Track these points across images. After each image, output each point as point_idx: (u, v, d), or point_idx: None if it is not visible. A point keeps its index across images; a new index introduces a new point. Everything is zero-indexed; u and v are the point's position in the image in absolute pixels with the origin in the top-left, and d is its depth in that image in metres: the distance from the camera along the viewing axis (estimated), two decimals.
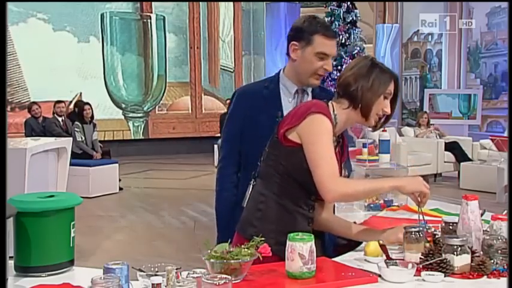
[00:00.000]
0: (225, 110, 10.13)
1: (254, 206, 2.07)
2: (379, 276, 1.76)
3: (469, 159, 9.37)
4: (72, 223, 1.87)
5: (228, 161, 2.41)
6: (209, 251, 1.71)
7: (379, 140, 3.16)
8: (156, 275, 1.54)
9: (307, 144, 1.94)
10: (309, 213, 2.06)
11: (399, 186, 1.98)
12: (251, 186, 2.14)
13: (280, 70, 2.41)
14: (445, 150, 9.64)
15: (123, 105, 13.56)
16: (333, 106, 2.04)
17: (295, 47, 2.29)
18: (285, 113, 2.26)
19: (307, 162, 1.92)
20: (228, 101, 8.01)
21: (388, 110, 2.04)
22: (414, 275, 1.75)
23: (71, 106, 11.81)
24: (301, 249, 1.70)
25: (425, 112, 10.96)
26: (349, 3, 14.12)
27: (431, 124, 10.30)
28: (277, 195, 2.01)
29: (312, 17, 2.34)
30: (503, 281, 1.75)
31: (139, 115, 13.71)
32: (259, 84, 2.47)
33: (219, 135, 9.73)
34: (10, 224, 1.76)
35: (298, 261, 1.70)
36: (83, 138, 8.90)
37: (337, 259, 1.99)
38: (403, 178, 2.14)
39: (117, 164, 8.87)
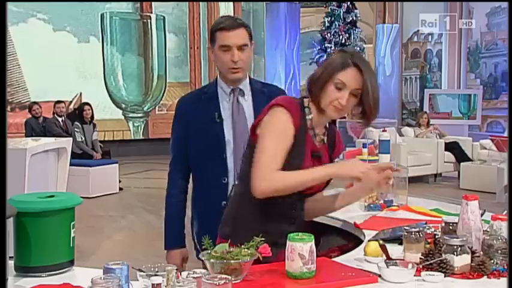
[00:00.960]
0: None
1: (231, 206, 2.07)
2: (379, 276, 1.76)
3: (469, 159, 9.37)
4: (72, 223, 1.87)
5: (175, 166, 2.49)
6: (209, 251, 1.71)
7: (379, 140, 3.16)
8: (156, 275, 1.54)
9: (259, 137, 1.90)
10: (292, 212, 2.01)
11: (331, 174, 1.88)
12: (232, 187, 2.15)
13: (218, 75, 2.47)
14: (445, 150, 9.64)
15: (123, 105, 13.56)
16: (307, 101, 1.98)
17: (211, 50, 2.38)
18: (222, 113, 2.35)
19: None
20: None
21: (342, 102, 1.87)
22: (414, 275, 1.75)
23: (71, 106, 11.83)
24: (301, 250, 1.70)
25: (426, 112, 10.96)
26: (349, 3, 14.13)
27: (431, 124, 10.30)
28: (253, 195, 1.91)
29: (220, 17, 2.44)
30: (503, 281, 1.75)
31: (139, 115, 13.71)
32: (200, 90, 2.62)
33: None
34: (10, 224, 1.76)
35: (298, 261, 1.70)
36: (83, 138, 8.90)
37: (337, 259, 1.99)
38: (336, 164, 1.96)
39: (117, 164, 8.87)
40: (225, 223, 2.04)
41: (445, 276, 1.76)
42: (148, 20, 13.80)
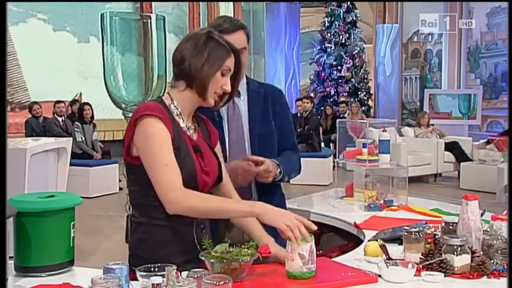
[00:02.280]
0: None
1: (137, 238, 1.87)
2: (379, 276, 1.76)
3: (469, 159, 9.37)
4: (72, 223, 1.87)
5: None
6: (209, 251, 1.71)
7: (379, 140, 3.16)
8: (156, 275, 1.54)
9: (141, 155, 1.77)
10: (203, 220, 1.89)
11: (255, 213, 1.77)
12: (129, 220, 1.95)
13: None
14: (445, 150, 9.65)
15: (123, 105, 13.51)
16: (169, 96, 1.90)
17: None
18: (220, 113, 2.28)
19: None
20: None
21: (228, 88, 1.87)
22: (414, 275, 1.75)
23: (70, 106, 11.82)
24: (301, 249, 1.70)
25: (426, 112, 10.96)
26: (349, 3, 14.14)
27: (431, 124, 10.30)
28: (156, 218, 1.81)
29: (218, 17, 2.36)
30: (503, 281, 1.75)
31: None
32: None
33: None
34: (10, 224, 1.76)
35: (298, 261, 1.70)
36: (83, 138, 8.89)
37: (337, 259, 1.99)
38: (265, 206, 1.78)
39: (117, 164, 8.87)
40: (138, 257, 1.80)
41: (445, 276, 1.76)
42: (148, 20, 13.74)
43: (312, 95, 13.41)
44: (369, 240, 2.18)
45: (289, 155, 2.37)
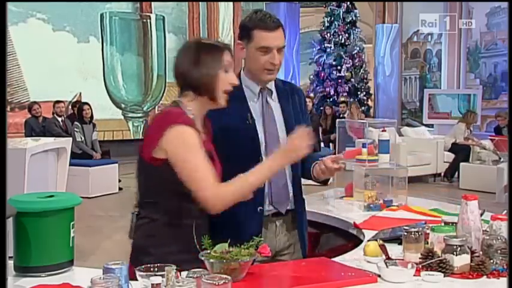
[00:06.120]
0: None
1: (145, 233, 1.93)
2: (379, 276, 1.76)
3: (469, 160, 9.37)
4: (72, 223, 1.87)
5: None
6: (209, 251, 1.71)
7: (378, 140, 3.16)
8: (155, 275, 1.54)
9: (177, 162, 1.83)
10: (200, 220, 1.91)
11: (281, 165, 1.96)
12: (134, 216, 2.01)
13: (240, 71, 2.33)
14: (445, 150, 9.65)
15: (123, 105, 13.55)
16: (183, 104, 1.94)
17: (241, 46, 2.23)
18: (253, 114, 2.22)
19: (183, 180, 1.83)
20: None
21: (235, 81, 1.95)
22: (414, 275, 1.75)
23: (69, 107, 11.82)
24: None
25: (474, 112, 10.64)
26: (348, 3, 14.14)
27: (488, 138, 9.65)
28: (167, 216, 1.89)
29: (254, 11, 2.24)
30: (503, 281, 1.76)
31: (139, 115, 13.69)
32: None
33: None
34: (10, 224, 1.76)
35: None
36: (83, 138, 8.89)
37: (337, 259, 1.99)
38: (276, 155, 1.94)
39: (116, 164, 8.87)
40: (144, 253, 1.88)
41: (444, 276, 1.76)
42: (148, 20, 13.79)
43: (311, 95, 13.41)
44: (368, 240, 2.18)
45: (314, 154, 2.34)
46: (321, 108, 12.92)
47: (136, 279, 1.61)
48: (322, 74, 14.17)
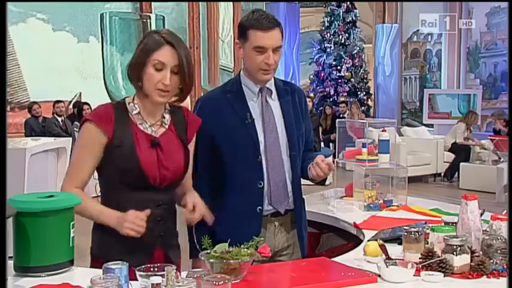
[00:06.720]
0: None
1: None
2: (379, 276, 1.76)
3: (469, 160, 9.37)
4: (71, 223, 1.87)
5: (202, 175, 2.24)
6: (209, 251, 1.71)
7: (378, 140, 3.16)
8: (155, 275, 1.54)
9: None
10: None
11: (107, 223, 2.02)
12: None
13: (240, 71, 2.33)
14: (445, 150, 9.65)
15: None
16: (128, 99, 2.00)
17: (238, 45, 2.23)
18: (253, 114, 2.22)
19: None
20: None
21: (166, 82, 1.87)
22: (414, 275, 1.75)
23: (70, 106, 11.82)
24: None
25: (475, 113, 10.49)
26: (348, 3, 14.15)
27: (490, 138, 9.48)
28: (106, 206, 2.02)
29: (252, 11, 2.24)
30: (503, 281, 1.76)
31: None
32: (222, 89, 2.36)
33: None
34: (10, 224, 1.76)
35: None
36: None
37: (337, 259, 1.99)
38: (114, 216, 1.98)
39: None
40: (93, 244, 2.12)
41: (444, 276, 1.76)
42: (148, 20, 13.78)
43: (311, 95, 13.41)
44: (368, 240, 2.17)
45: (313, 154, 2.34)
46: (321, 108, 12.92)
47: (136, 279, 1.61)
48: (322, 74, 14.17)
